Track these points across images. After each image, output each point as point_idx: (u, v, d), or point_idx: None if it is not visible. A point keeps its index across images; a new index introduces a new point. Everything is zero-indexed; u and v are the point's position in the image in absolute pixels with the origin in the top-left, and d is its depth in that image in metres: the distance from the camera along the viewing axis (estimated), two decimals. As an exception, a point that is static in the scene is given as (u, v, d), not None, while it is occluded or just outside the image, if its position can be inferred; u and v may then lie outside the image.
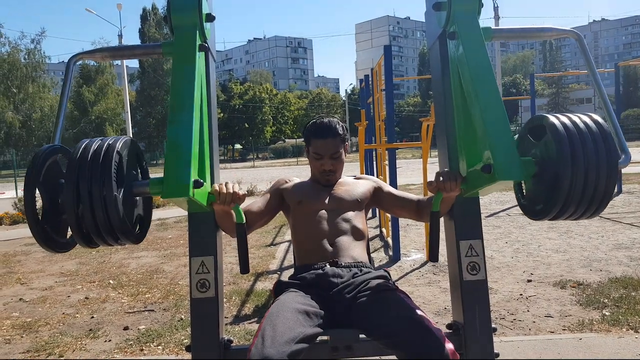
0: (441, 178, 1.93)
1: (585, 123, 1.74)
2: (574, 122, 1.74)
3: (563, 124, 1.73)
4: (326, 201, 2.31)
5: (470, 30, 1.90)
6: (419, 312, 1.90)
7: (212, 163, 2.10)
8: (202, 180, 1.72)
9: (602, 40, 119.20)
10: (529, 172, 1.78)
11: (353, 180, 2.46)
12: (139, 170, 1.93)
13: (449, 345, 1.76)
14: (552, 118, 1.76)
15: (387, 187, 2.46)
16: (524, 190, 1.99)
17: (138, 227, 1.89)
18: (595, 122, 1.74)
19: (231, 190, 1.88)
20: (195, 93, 1.83)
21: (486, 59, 1.85)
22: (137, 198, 1.88)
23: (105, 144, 1.72)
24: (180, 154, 1.70)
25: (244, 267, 1.98)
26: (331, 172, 2.34)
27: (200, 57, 1.96)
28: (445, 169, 2.00)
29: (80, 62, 2.31)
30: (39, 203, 1.73)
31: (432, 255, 2.02)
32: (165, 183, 1.67)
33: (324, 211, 2.28)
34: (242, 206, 2.00)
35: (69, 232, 1.85)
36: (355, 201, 2.33)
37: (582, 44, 2.12)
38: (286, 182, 2.45)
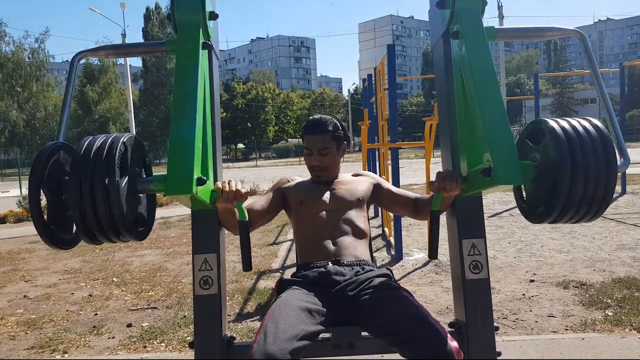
0: (442, 178, 1.96)
1: (584, 127, 1.75)
2: (573, 127, 1.75)
3: (562, 128, 1.74)
4: (327, 200, 2.32)
5: (474, 31, 1.90)
6: (422, 310, 1.91)
7: (215, 162, 2.11)
8: (205, 178, 1.73)
9: (607, 40, 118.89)
10: (528, 176, 1.80)
11: (353, 178, 2.45)
12: (142, 168, 1.94)
13: (454, 344, 1.77)
14: (551, 122, 1.78)
15: (387, 185, 2.46)
16: (523, 193, 2.01)
17: (141, 224, 1.90)
18: (595, 126, 1.76)
19: (234, 188, 1.90)
20: (199, 91, 1.83)
21: (489, 60, 1.86)
22: (141, 195, 1.89)
23: (109, 141, 1.73)
24: (183, 151, 1.70)
25: (247, 264, 2.00)
26: (319, 168, 2.34)
27: (203, 55, 1.97)
28: (446, 169, 2.02)
29: (83, 60, 2.32)
30: (43, 200, 1.74)
31: (431, 252, 2.05)
32: (169, 180, 1.67)
33: (325, 211, 2.29)
34: (245, 204, 2.01)
35: (74, 230, 1.86)
36: (357, 200, 2.33)
37: (585, 44, 2.12)
38: (288, 181, 2.46)
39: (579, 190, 1.69)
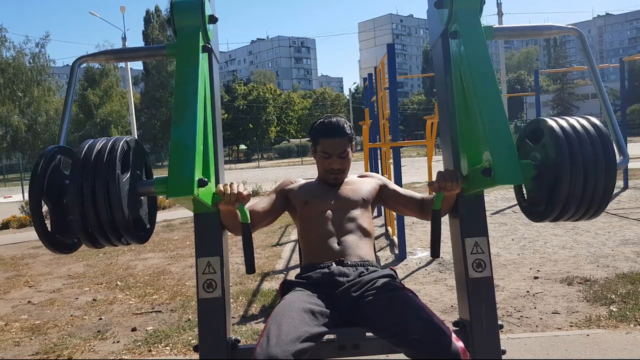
0: (442, 177, 1.97)
1: (583, 126, 1.76)
2: (572, 125, 1.76)
3: (561, 127, 1.75)
4: (332, 201, 2.32)
5: (472, 30, 1.90)
6: (427, 310, 1.91)
7: (216, 163, 2.11)
8: (206, 179, 1.73)
9: (606, 35, 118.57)
10: (528, 175, 1.81)
11: (358, 179, 2.46)
12: (143, 170, 1.94)
13: (460, 344, 1.77)
14: (550, 121, 1.78)
15: (392, 185, 2.47)
16: (524, 192, 2.01)
17: (143, 226, 1.90)
18: (593, 124, 1.77)
19: (235, 191, 1.91)
20: (199, 93, 1.84)
21: (487, 60, 1.86)
22: (142, 198, 1.89)
23: (109, 143, 1.73)
24: (184, 153, 1.71)
25: (250, 267, 1.99)
26: (339, 171, 2.35)
27: (203, 58, 1.97)
28: (447, 169, 2.03)
29: (84, 64, 2.32)
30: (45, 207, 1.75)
31: (433, 251, 2.07)
32: (170, 182, 1.68)
33: (330, 211, 2.29)
34: (247, 206, 2.01)
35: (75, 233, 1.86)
36: (361, 200, 2.33)
37: (583, 41, 2.13)
38: (291, 182, 2.46)
39: (578, 188, 1.70)
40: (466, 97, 1.92)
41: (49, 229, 1.78)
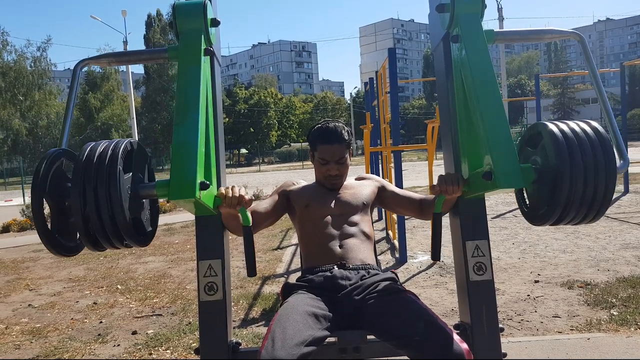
0: (443, 181, 1.98)
1: (583, 130, 1.77)
2: (572, 129, 1.77)
3: (561, 130, 1.76)
4: (332, 205, 2.32)
5: (473, 34, 1.91)
6: (430, 312, 1.91)
7: (218, 167, 2.12)
8: (208, 182, 1.73)
9: (607, 40, 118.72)
10: (528, 179, 1.81)
11: (357, 183, 2.46)
12: (145, 173, 1.94)
13: (464, 345, 1.77)
14: (550, 125, 1.79)
15: (391, 187, 2.47)
16: (525, 196, 2.02)
17: (145, 229, 1.90)
18: (593, 128, 1.77)
19: (237, 194, 1.91)
20: (201, 96, 1.84)
21: (489, 64, 1.87)
22: (144, 200, 1.89)
23: (111, 146, 1.73)
24: (186, 156, 1.70)
25: (251, 269, 1.98)
26: (337, 176, 2.35)
27: (205, 61, 1.98)
28: (448, 172, 2.04)
29: (85, 68, 2.33)
30: (47, 209, 1.75)
31: (434, 254, 2.06)
32: (172, 185, 1.67)
33: (330, 215, 2.29)
34: (249, 209, 2.01)
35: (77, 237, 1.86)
36: (361, 204, 2.34)
37: (584, 45, 2.13)
38: (293, 184, 2.46)
39: (578, 191, 1.70)
40: (467, 101, 1.93)
41: (51, 231, 1.77)
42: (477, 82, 1.82)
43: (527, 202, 2.00)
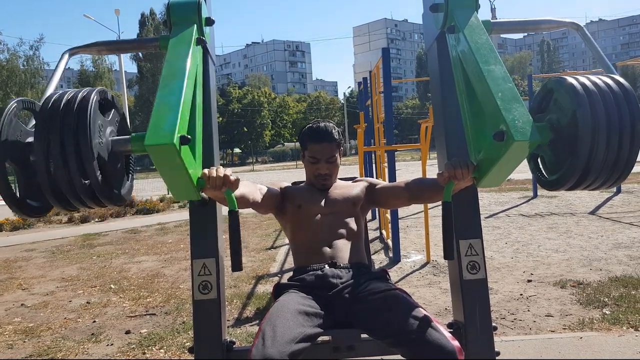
0: (452, 166, 1.78)
1: (606, 84, 1.63)
2: (594, 83, 1.63)
3: (583, 84, 1.62)
4: (323, 204, 2.33)
5: (469, 21, 1.87)
6: (422, 310, 1.91)
7: (212, 165, 2.11)
8: (189, 137, 1.54)
9: (599, 40, 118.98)
10: (545, 138, 1.68)
11: (347, 183, 2.48)
12: (118, 128, 1.79)
13: (455, 343, 1.77)
14: (570, 79, 1.65)
15: (380, 183, 2.44)
16: (539, 162, 1.93)
17: (119, 187, 1.76)
18: (618, 82, 1.64)
19: (222, 174, 1.73)
20: (189, 68, 1.74)
21: (488, 41, 1.79)
22: (118, 157, 1.75)
23: (79, 96, 1.58)
24: (167, 110, 1.56)
25: (237, 263, 1.73)
26: (327, 176, 2.35)
27: (198, 50, 1.93)
28: (455, 158, 1.85)
29: (78, 67, 2.29)
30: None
31: (447, 253, 1.79)
32: (149, 131, 1.49)
33: (321, 214, 2.30)
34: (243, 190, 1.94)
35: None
36: (351, 203, 2.35)
37: (583, 33, 2.09)
38: (286, 184, 2.48)
39: (600, 151, 1.56)
40: (470, 88, 1.81)
41: (17, 194, 1.64)
42: (480, 59, 1.71)
43: (542, 167, 1.88)
